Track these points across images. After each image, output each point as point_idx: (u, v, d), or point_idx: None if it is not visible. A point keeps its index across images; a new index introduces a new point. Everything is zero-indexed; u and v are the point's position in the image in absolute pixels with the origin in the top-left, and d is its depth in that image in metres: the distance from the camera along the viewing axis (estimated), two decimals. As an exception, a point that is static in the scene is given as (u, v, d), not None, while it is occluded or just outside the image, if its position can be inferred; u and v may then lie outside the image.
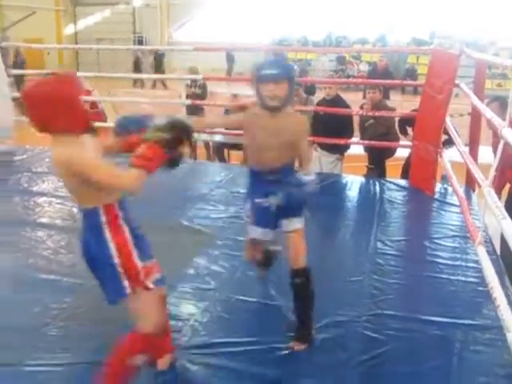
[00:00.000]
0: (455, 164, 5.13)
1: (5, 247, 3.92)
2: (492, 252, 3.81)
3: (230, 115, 3.01)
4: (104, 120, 8.07)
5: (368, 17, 21.68)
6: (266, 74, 2.61)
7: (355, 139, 6.40)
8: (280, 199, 2.75)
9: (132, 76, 17.88)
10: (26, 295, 3.24)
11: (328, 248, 4.09)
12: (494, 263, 3.18)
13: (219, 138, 7.85)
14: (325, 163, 6.24)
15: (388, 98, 10.63)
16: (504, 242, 4.27)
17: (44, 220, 4.52)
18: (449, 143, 5.44)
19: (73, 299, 3.21)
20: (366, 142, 6.22)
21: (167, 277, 3.39)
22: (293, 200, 2.71)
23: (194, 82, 9.23)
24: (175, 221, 4.45)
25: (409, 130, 6.12)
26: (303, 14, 22.56)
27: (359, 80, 11.30)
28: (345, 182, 5.76)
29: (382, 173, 6.27)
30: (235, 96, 8.53)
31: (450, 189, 5.21)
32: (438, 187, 5.43)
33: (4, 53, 7.18)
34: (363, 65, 20.31)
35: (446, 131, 5.28)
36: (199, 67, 9.64)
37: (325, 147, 6.16)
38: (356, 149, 6.63)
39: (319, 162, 6.22)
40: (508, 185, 4.47)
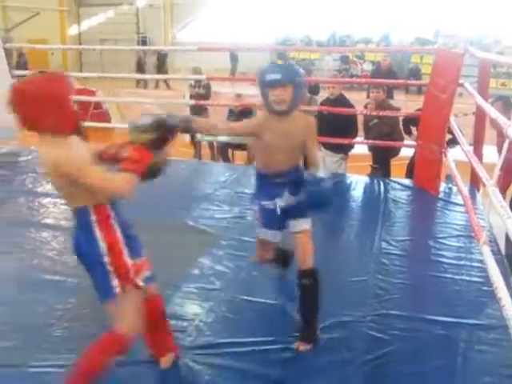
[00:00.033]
0: (460, 163, 5.12)
1: (10, 248, 3.93)
2: (497, 252, 3.80)
3: (241, 122, 2.99)
4: (108, 120, 8.10)
5: (372, 16, 21.63)
6: (271, 80, 2.62)
7: (359, 139, 6.40)
8: (289, 200, 2.78)
9: (136, 76, 17.90)
10: (31, 295, 3.25)
11: (332, 248, 4.09)
12: (499, 263, 3.17)
13: (223, 138, 7.84)
14: (329, 163, 6.22)
15: (392, 98, 10.61)
16: (509, 242, 4.27)
17: (49, 221, 4.53)
18: (453, 143, 5.43)
19: (77, 300, 3.22)
20: (371, 142, 6.22)
21: (172, 277, 3.45)
22: (317, 197, 2.70)
23: (198, 83, 9.24)
24: (180, 221, 4.46)
25: (413, 130, 6.11)
26: (307, 14, 22.53)
27: (363, 80, 11.30)
28: (349, 182, 5.76)
29: (387, 172, 6.26)
30: (239, 96, 8.53)
31: (455, 188, 5.21)
32: (443, 187, 5.42)
33: (7, 53, 7.19)
34: (367, 64, 20.29)
35: (450, 131, 5.27)
36: (203, 67, 9.65)
37: (329, 147, 6.15)
38: (360, 148, 6.63)
39: (323, 162, 6.21)
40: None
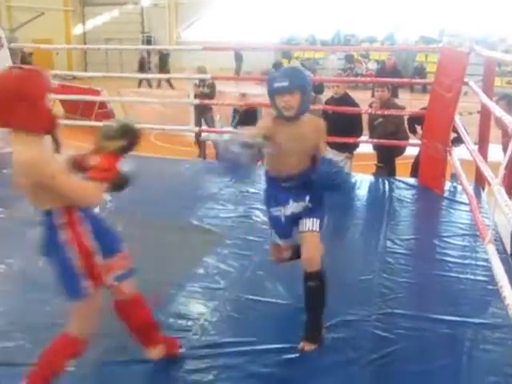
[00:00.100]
0: (464, 162, 5.11)
1: (16, 247, 3.94)
2: (502, 250, 3.80)
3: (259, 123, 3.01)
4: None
5: (376, 15, 21.60)
6: (279, 87, 2.64)
7: (364, 138, 6.39)
8: (295, 208, 2.81)
9: (141, 76, 17.91)
10: (39, 295, 3.24)
11: (337, 247, 4.08)
12: (504, 262, 3.16)
13: (228, 138, 7.84)
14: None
15: (397, 97, 10.61)
16: (514, 241, 4.26)
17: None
18: (458, 141, 5.43)
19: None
20: (375, 141, 6.21)
21: (177, 276, 3.46)
22: (328, 176, 2.71)
23: (203, 82, 9.25)
24: (185, 220, 4.47)
25: (418, 129, 6.11)
26: (311, 13, 22.51)
27: (367, 79, 11.30)
28: (354, 181, 5.75)
29: (392, 171, 6.26)
30: (243, 95, 8.55)
31: (460, 187, 5.20)
32: (448, 185, 5.42)
33: (12, 53, 7.21)
34: (372, 63, 20.28)
35: (455, 129, 5.27)
36: (208, 67, 9.66)
37: (334, 146, 6.12)
38: (365, 147, 6.63)
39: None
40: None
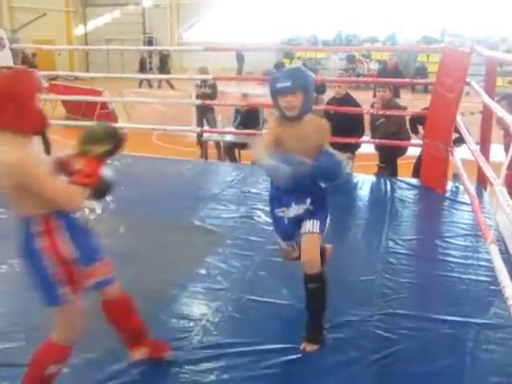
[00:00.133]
0: (466, 162, 5.11)
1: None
2: (504, 251, 3.79)
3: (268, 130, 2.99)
4: (115, 120, 8.12)
5: (378, 15, 21.63)
6: (281, 87, 2.64)
7: (366, 138, 6.39)
8: (297, 211, 2.79)
9: (142, 76, 17.94)
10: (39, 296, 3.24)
11: (339, 247, 4.06)
12: (506, 262, 3.15)
13: (230, 138, 7.85)
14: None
15: (398, 97, 10.59)
16: (516, 241, 4.25)
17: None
18: (460, 141, 5.42)
19: (87, 299, 3.22)
20: (377, 141, 6.21)
21: (179, 276, 3.46)
22: (327, 167, 2.67)
23: (204, 82, 9.24)
24: (187, 220, 4.47)
25: (420, 129, 6.10)
26: (313, 13, 22.54)
27: (369, 79, 11.31)
28: (356, 181, 5.75)
29: (394, 171, 6.25)
30: (245, 95, 8.54)
31: (462, 187, 5.20)
32: (450, 186, 5.41)
33: (14, 54, 7.23)
34: (373, 63, 20.28)
35: (457, 129, 5.26)
36: (209, 67, 9.65)
37: (335, 146, 6.10)
38: (367, 147, 6.63)
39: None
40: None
